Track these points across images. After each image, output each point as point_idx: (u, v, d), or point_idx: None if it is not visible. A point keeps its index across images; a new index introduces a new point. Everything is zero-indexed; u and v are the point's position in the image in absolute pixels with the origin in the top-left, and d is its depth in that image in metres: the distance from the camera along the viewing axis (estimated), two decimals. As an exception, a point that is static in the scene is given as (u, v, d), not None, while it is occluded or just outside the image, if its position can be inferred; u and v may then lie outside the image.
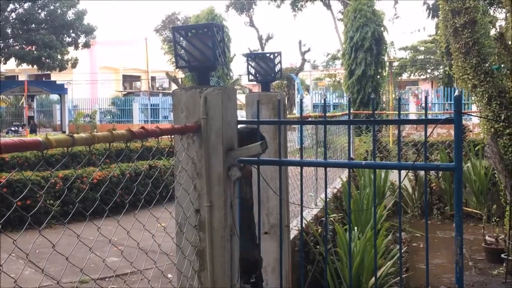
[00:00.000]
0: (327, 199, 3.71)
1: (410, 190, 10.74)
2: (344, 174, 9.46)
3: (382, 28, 22.73)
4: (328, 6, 35.57)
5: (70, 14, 31.66)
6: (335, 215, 6.86)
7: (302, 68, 40.45)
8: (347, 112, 3.17)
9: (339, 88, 32.80)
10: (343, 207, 8.03)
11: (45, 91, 35.99)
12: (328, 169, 6.60)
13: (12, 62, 31.91)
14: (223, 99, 2.58)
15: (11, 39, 30.52)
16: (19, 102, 34.37)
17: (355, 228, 6.10)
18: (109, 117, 37.49)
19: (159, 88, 48.93)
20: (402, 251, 7.48)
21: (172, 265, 2.61)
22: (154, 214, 2.33)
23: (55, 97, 37.43)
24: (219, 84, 27.75)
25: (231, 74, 33.02)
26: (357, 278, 5.22)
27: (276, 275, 3.93)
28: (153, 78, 48.63)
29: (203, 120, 2.55)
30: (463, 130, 14.02)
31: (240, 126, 3.29)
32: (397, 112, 3.13)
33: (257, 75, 4.83)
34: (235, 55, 33.73)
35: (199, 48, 2.68)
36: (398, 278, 5.04)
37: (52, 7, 30.85)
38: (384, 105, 21.75)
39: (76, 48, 32.41)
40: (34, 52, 30.24)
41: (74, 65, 33.02)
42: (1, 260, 1.72)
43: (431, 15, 24.78)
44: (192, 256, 2.58)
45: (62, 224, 8.45)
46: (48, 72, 34.85)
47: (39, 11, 30.87)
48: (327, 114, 12.56)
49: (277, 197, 3.78)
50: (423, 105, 23.11)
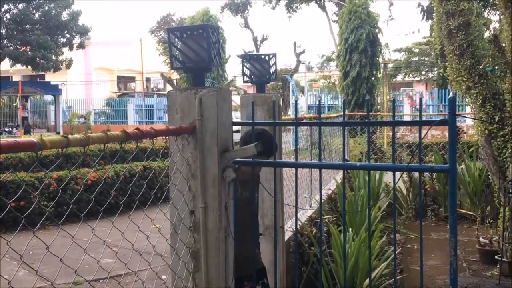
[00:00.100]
0: (322, 201, 3.71)
1: (405, 192, 10.76)
2: (339, 176, 9.48)
3: (377, 30, 22.76)
4: (323, 8, 35.60)
5: (65, 15, 31.57)
6: (330, 217, 6.87)
7: (297, 70, 40.48)
8: (342, 114, 3.17)
9: (334, 90, 32.82)
10: (338, 209, 8.05)
11: (40, 92, 35.88)
12: (323, 171, 6.62)
13: (6, 63, 31.77)
14: (218, 101, 2.57)
15: (6, 40, 30.40)
16: (13, 103, 34.24)
17: (350, 230, 6.11)
18: (104, 118, 37.39)
19: (154, 89, 48.83)
20: (397, 253, 7.49)
21: (167, 267, 2.61)
22: (149, 215, 2.33)
23: (50, 98, 37.32)
24: (214, 85, 27.76)
25: (226, 75, 32.99)
26: (352, 280, 5.23)
27: (271, 276, 3.93)
28: (148, 79, 48.55)
29: (198, 122, 2.55)
30: (457, 132, 14.07)
31: (249, 128, 3.31)
32: (392, 114, 3.14)
33: (252, 77, 4.83)
34: (230, 56, 33.72)
35: (194, 49, 2.67)
36: (393, 280, 5.05)
37: (47, 8, 30.76)
38: (379, 107, 21.77)
39: (71, 49, 32.31)
40: (29, 53, 30.12)
41: (69, 66, 32.91)
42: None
43: (426, 17, 24.82)
44: (187, 258, 2.58)
45: (56, 225, 8.42)
46: (43, 73, 34.74)
47: (34, 12, 30.77)
48: (322, 116, 12.56)
49: (272, 199, 3.79)
50: (418, 107, 23.15)
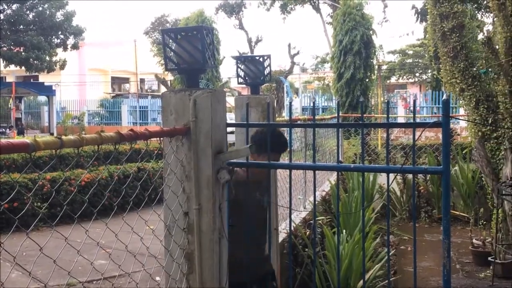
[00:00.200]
0: (316, 202, 3.71)
1: (398, 193, 10.79)
2: (333, 177, 9.48)
3: (371, 32, 22.80)
4: (317, 9, 35.63)
5: (59, 16, 31.45)
6: (324, 218, 6.88)
7: (291, 71, 40.47)
8: (336, 115, 3.18)
9: (328, 91, 32.86)
10: (332, 210, 8.05)
11: (33, 93, 35.74)
12: (317, 172, 6.63)
13: (0, 64, 31.65)
14: (213, 102, 2.57)
15: (-1, 40, 30.33)
16: (7, 104, 34.10)
17: (344, 231, 6.12)
18: (98, 119, 37.28)
19: (148, 90, 48.73)
20: (390, 254, 7.51)
21: (161, 268, 2.60)
22: (143, 217, 2.32)
23: (43, 99, 37.17)
24: (209, 87, 27.73)
25: (221, 77, 32.97)
26: (346, 281, 5.23)
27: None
28: (142, 80, 48.46)
29: (192, 123, 2.55)
30: (451, 134, 14.11)
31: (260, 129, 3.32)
32: (386, 116, 3.15)
33: (247, 78, 4.83)
34: (225, 58, 33.69)
35: (189, 51, 2.67)
36: (386, 281, 5.05)
37: (41, 8, 30.65)
38: (373, 108, 21.82)
39: (65, 50, 32.19)
40: (22, 54, 30.01)
41: (63, 67, 32.78)
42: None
43: (420, 19, 24.86)
44: (181, 259, 2.57)
45: (50, 227, 8.39)
46: (36, 74, 34.60)
47: (28, 12, 30.65)
48: (316, 117, 12.57)
49: (266, 200, 3.78)
50: (412, 109, 23.21)
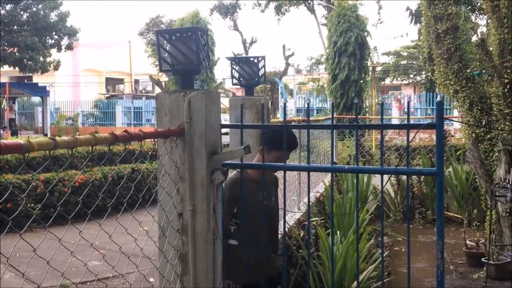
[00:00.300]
0: (310, 203, 3.72)
1: (393, 195, 10.81)
2: (327, 178, 9.49)
3: (366, 33, 22.84)
4: (312, 11, 35.68)
5: (53, 16, 31.36)
6: (318, 219, 6.89)
7: (286, 72, 40.53)
8: (330, 117, 3.18)
9: (323, 93, 32.90)
10: (326, 211, 8.06)
11: (27, 93, 35.65)
12: (311, 173, 6.62)
13: (-6, 64, 31.58)
14: (207, 103, 2.58)
15: (-7, 41, 30.22)
16: (0, 105, 33.97)
17: (338, 232, 6.13)
18: (92, 120, 37.19)
19: (143, 91, 48.65)
20: (384, 255, 7.52)
21: (155, 269, 2.60)
22: (137, 218, 2.32)
23: (37, 100, 37.08)
24: (203, 88, 27.70)
25: (215, 78, 32.95)
26: (340, 282, 5.24)
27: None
28: (137, 81, 48.37)
29: (187, 124, 2.55)
30: (445, 135, 14.15)
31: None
32: (380, 117, 3.15)
33: (241, 79, 4.84)
34: (219, 59, 33.69)
35: (183, 52, 2.67)
36: (380, 282, 5.06)
37: (35, 9, 30.55)
38: (367, 110, 21.85)
39: (59, 50, 32.10)
40: (16, 54, 29.91)
41: (57, 67, 32.68)
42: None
43: (414, 21, 24.95)
44: (175, 260, 2.57)
45: (43, 228, 8.37)
46: (30, 74, 34.48)
47: (22, 13, 30.54)
48: (311, 118, 12.52)
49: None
50: (406, 110, 23.26)
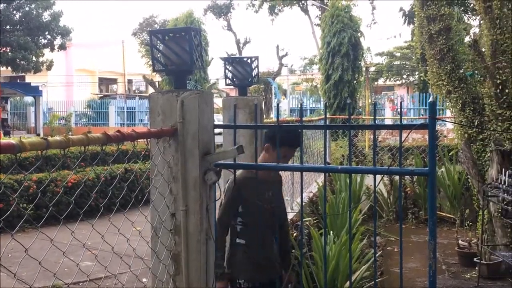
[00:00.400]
0: (303, 203, 3.72)
1: (385, 195, 10.83)
2: (320, 179, 9.51)
3: (359, 34, 22.89)
4: (306, 11, 35.73)
5: (46, 16, 31.24)
6: (311, 219, 6.90)
7: (280, 73, 40.54)
8: (324, 117, 3.18)
9: (316, 93, 32.94)
10: (319, 211, 8.07)
11: (20, 93, 35.50)
12: (304, 174, 6.62)
13: (-15, 64, 31.43)
14: (200, 103, 2.57)
15: (-15, 40, 30.08)
16: (-7, 104, 33.85)
17: (331, 232, 6.14)
18: (85, 120, 37.08)
19: (136, 91, 48.55)
20: (377, 255, 7.54)
21: (147, 269, 2.60)
22: (129, 218, 2.31)
23: (30, 100, 36.95)
24: (197, 88, 27.67)
25: (209, 78, 32.91)
26: (332, 282, 5.25)
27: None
28: (130, 81, 48.27)
29: (180, 124, 2.54)
30: (437, 136, 14.20)
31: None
32: (373, 117, 3.16)
33: (234, 79, 4.84)
34: (213, 59, 33.65)
35: (176, 52, 2.67)
36: (373, 282, 5.07)
37: (28, 8, 30.42)
38: (361, 110, 21.90)
39: (52, 50, 31.98)
40: (9, 54, 29.76)
41: (50, 67, 32.56)
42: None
43: (407, 22, 25.02)
44: (167, 260, 2.57)
45: (35, 228, 8.33)
46: (23, 74, 34.35)
47: (14, 12, 30.41)
48: (304, 119, 12.55)
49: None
50: (399, 111, 23.33)
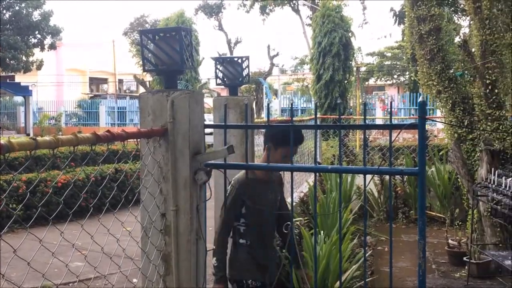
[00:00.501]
0: (294, 203, 3.72)
1: (376, 194, 10.85)
2: (311, 178, 9.52)
3: (350, 34, 22.97)
4: (297, 11, 35.79)
5: (36, 15, 31.14)
6: (302, 219, 6.90)
7: (271, 73, 40.57)
8: (314, 117, 3.19)
9: (307, 93, 32.99)
10: (310, 211, 8.08)
11: (9, 93, 35.28)
12: (295, 173, 6.63)
13: (-25, 63, 31.23)
14: (190, 103, 2.57)
15: (-26, 40, 29.89)
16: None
17: (321, 232, 6.14)
18: (75, 120, 36.93)
19: (127, 91, 48.43)
20: (368, 255, 7.56)
21: (137, 270, 2.59)
22: (119, 218, 2.30)
23: (20, 99, 36.72)
24: (188, 88, 27.63)
25: (200, 78, 32.89)
26: (323, 282, 5.25)
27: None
28: (121, 81, 48.17)
29: (170, 124, 2.54)
30: (428, 136, 14.26)
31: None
32: (363, 117, 3.17)
33: (225, 79, 4.84)
34: (204, 59, 33.61)
35: (167, 52, 2.67)
36: (363, 282, 5.09)
37: (18, 8, 30.30)
38: (351, 110, 21.97)
39: (42, 50, 31.87)
40: (-2, 53, 29.69)
41: (40, 67, 32.44)
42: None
43: (398, 22, 25.13)
44: (158, 261, 2.56)
45: (25, 229, 8.29)
46: (13, 74, 34.21)
47: (4, 12, 30.27)
48: (295, 119, 12.62)
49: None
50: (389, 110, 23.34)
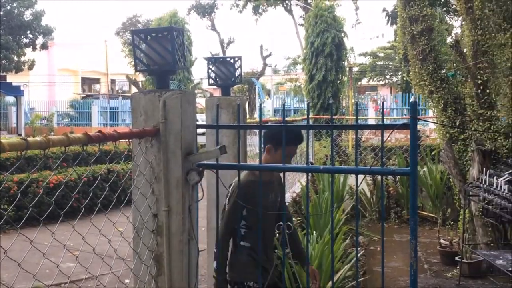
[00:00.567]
0: (287, 203, 3.73)
1: (369, 194, 10.88)
2: (304, 179, 9.53)
3: (343, 34, 22.99)
4: (290, 11, 35.82)
5: (28, 15, 30.98)
6: (294, 219, 6.90)
7: (263, 73, 40.58)
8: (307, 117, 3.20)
9: (300, 93, 33.00)
10: (302, 211, 8.08)
11: (1, 93, 35.12)
12: (288, 174, 6.64)
13: (-34, 63, 31.06)
14: (182, 103, 2.57)
15: (-34, 40, 29.71)
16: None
17: (314, 232, 6.15)
18: (67, 120, 36.78)
19: (119, 91, 48.30)
20: (360, 255, 7.58)
21: (129, 271, 2.58)
22: (111, 219, 2.30)
23: (11, 99, 36.54)
24: (180, 88, 27.58)
25: (193, 78, 32.84)
26: (316, 282, 5.25)
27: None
28: (113, 81, 48.03)
29: (162, 124, 2.53)
30: (420, 136, 14.31)
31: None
32: (355, 117, 3.17)
33: (217, 79, 4.84)
34: (197, 59, 33.57)
35: (159, 52, 2.66)
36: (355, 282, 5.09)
37: (9, 7, 30.14)
38: (344, 110, 22.00)
39: (34, 50, 31.72)
40: (-10, 53, 29.54)
41: (31, 67, 32.30)
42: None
43: (390, 22, 25.20)
44: (149, 261, 2.56)
45: (16, 230, 8.25)
46: (4, 74, 34.02)
47: (-5, 11, 30.16)
48: (287, 119, 12.63)
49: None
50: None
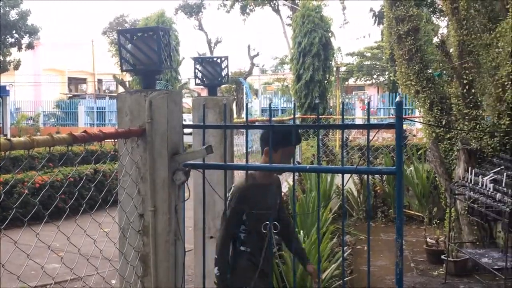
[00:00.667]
0: (273, 203, 3.73)
1: (356, 194, 10.91)
2: (291, 178, 9.54)
3: (330, 34, 23.04)
4: (277, 11, 35.83)
5: (13, 14, 30.69)
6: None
7: (251, 72, 40.55)
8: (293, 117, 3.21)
9: (288, 93, 33.03)
10: (289, 211, 8.09)
11: (-14, 93, 34.85)
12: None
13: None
14: (169, 103, 2.56)
15: (-50, 39, 29.41)
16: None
17: (301, 232, 6.16)
18: (54, 120, 36.53)
19: (106, 91, 48.04)
20: (347, 254, 7.61)
21: (115, 271, 2.57)
22: (97, 219, 2.29)
23: (-4, 99, 36.28)
24: (168, 88, 27.50)
25: (180, 78, 32.74)
26: (302, 282, 5.27)
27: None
28: (100, 81, 47.76)
29: (148, 124, 2.53)
30: (407, 135, 14.39)
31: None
32: (341, 117, 3.19)
33: (204, 79, 4.83)
34: (184, 59, 33.46)
35: (145, 52, 2.65)
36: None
37: (-6, 7, 29.90)
38: (331, 110, 22.05)
39: (19, 49, 31.43)
40: (-26, 53, 29.25)
41: (17, 67, 32.00)
42: None
43: (377, 22, 25.30)
44: (136, 262, 2.55)
45: (0, 230, 8.19)
46: (-11, 74, 33.73)
47: (-20, 10, 29.87)
48: (275, 118, 12.65)
49: (223, 202, 3.78)
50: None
